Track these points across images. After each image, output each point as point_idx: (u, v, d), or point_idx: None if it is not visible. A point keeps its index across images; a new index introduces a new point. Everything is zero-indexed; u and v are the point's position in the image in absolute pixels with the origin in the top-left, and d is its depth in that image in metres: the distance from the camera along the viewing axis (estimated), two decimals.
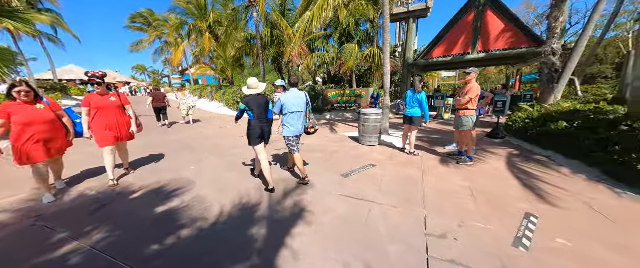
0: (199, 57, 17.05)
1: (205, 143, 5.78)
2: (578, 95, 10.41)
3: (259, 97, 2.96)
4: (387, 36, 5.94)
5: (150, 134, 6.97)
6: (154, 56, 22.33)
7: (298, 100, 3.06)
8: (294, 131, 3.11)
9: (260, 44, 10.58)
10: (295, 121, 3.08)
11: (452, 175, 3.40)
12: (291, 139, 3.16)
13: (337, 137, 6.31)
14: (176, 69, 27.56)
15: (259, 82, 3.06)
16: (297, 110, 3.05)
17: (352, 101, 11.58)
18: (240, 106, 2.97)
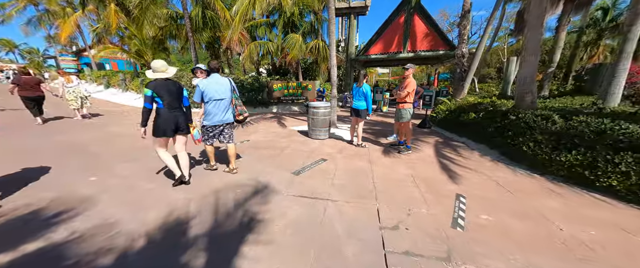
0: (103, 35, 13.39)
1: (113, 145, 4.53)
2: (477, 92, 13.17)
3: (168, 82, 2.57)
4: (333, 28, 5.91)
5: (22, 135, 5.01)
6: (25, 28, 16.08)
7: (220, 87, 2.86)
8: (216, 120, 2.92)
9: (189, 24, 8.97)
10: (218, 109, 2.88)
11: (396, 165, 3.64)
12: (211, 129, 2.98)
13: (285, 132, 6.00)
14: (67, 49, 20.96)
15: (169, 66, 2.64)
16: (219, 97, 2.84)
17: (298, 94, 11.34)
18: (146, 92, 2.42)
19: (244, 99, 9.82)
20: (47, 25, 15.81)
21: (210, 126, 2.96)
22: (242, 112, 3.16)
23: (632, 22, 4.19)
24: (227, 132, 3.10)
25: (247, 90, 9.86)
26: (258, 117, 8.51)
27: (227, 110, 2.98)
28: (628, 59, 4.35)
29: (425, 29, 11.46)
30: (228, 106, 2.98)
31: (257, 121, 7.69)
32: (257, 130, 6.27)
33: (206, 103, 2.85)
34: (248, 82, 9.83)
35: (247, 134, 5.79)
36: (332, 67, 6.04)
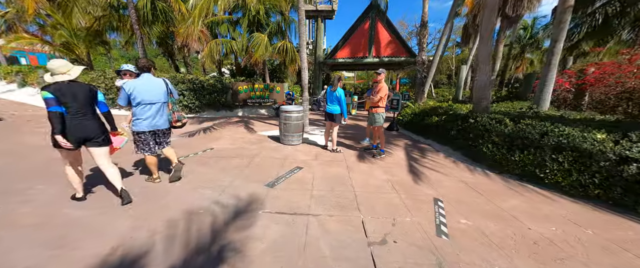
0: (15, 22, 10.80)
1: (24, 160, 3.55)
2: (434, 96, 14.43)
3: (74, 85, 2.13)
4: (303, 29, 5.72)
5: None
6: None
7: (153, 88, 2.58)
8: (147, 125, 2.61)
9: (134, 16, 7.77)
10: (149, 114, 2.59)
11: (374, 170, 3.61)
12: (143, 136, 2.67)
13: (254, 138, 5.56)
14: None
15: (72, 65, 2.18)
16: (151, 100, 2.57)
17: (266, 97, 10.83)
18: (44, 95, 2.00)
19: (205, 101, 8.95)
20: None
21: (140, 132, 2.64)
22: (180, 118, 2.90)
23: (557, 39, 4.99)
24: (164, 139, 2.87)
25: (208, 92, 8.99)
26: (222, 122, 7.80)
27: (161, 115, 2.70)
28: (554, 70, 5.16)
29: (388, 36, 12.12)
30: (162, 110, 2.69)
31: (221, 126, 7.03)
32: (222, 136, 5.69)
33: (135, 106, 2.54)
34: (209, 82, 8.97)
35: (209, 140, 5.18)
36: (304, 69, 5.84)
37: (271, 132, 6.33)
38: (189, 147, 4.61)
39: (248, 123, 7.71)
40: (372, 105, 4.18)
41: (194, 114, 8.93)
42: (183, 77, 8.65)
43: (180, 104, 8.52)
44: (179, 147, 4.56)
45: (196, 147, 4.63)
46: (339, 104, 4.30)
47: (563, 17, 4.90)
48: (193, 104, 8.70)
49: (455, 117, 5.02)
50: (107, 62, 27.61)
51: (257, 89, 10.48)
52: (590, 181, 2.62)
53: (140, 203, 2.44)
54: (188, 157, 4.01)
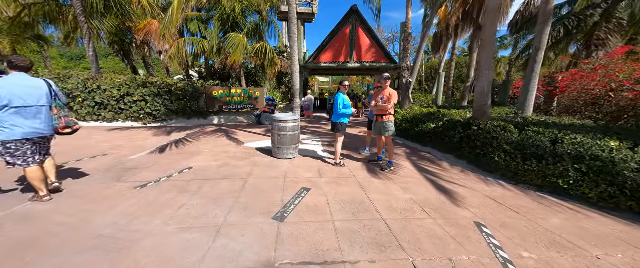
0: None
1: None
2: (412, 101, 14.84)
3: None
4: (294, 29, 5.17)
5: None
6: None
7: (29, 90, 2.31)
8: (21, 133, 2.29)
9: (79, 5, 6.36)
10: (24, 119, 2.29)
11: (390, 188, 3.19)
12: (15, 146, 2.30)
13: (241, 152, 4.78)
14: None
15: None
16: (27, 103, 2.29)
17: (244, 102, 9.93)
18: None
19: (173, 107, 7.75)
20: None
21: (10, 142, 2.27)
22: (69, 123, 2.61)
23: (539, 47, 5.25)
24: (44, 148, 2.60)
25: (178, 98, 7.82)
26: (196, 132, 6.76)
27: (40, 120, 2.41)
28: (537, 77, 5.43)
29: (368, 41, 12.15)
30: (41, 115, 2.40)
31: (197, 137, 6.03)
32: (200, 150, 4.78)
33: (2, 111, 2.19)
34: (178, 87, 7.80)
35: (185, 157, 4.28)
36: (295, 73, 5.27)
37: (259, 143, 5.59)
38: (159, 167, 3.69)
39: (228, 133, 6.80)
40: (381, 113, 3.81)
41: (159, 123, 7.66)
42: (144, 80, 7.37)
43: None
44: (146, 167, 3.61)
45: (169, 167, 3.72)
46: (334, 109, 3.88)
47: (544, 27, 5.18)
48: (158, 111, 7.45)
49: (454, 124, 4.92)
50: (42, 62, 23.23)
51: (234, 94, 9.54)
52: (619, 192, 2.55)
53: None
54: (159, 181, 3.14)
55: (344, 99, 3.91)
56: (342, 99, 3.88)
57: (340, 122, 3.93)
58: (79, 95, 6.53)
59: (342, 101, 3.87)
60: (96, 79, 6.74)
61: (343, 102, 3.85)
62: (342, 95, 3.92)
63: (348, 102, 3.91)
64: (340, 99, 3.86)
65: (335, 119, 3.96)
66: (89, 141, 5.18)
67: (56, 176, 2.69)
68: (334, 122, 3.99)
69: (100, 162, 3.88)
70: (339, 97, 3.87)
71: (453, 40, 12.77)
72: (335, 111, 3.91)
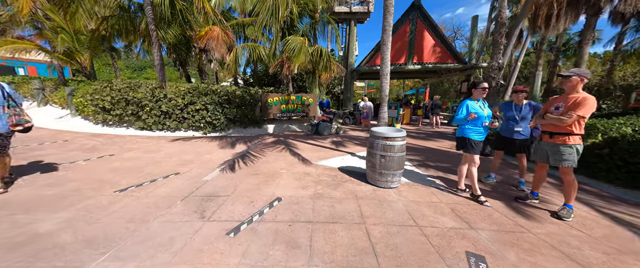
0: (9, 27, 9.42)
1: None
2: None
3: None
4: (390, 19, 4.16)
5: None
6: None
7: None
8: None
9: (151, 13, 6.34)
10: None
11: (601, 256, 1.92)
12: None
13: (326, 174, 3.89)
14: None
15: None
16: None
17: (298, 110, 9.29)
18: None
19: (231, 116, 7.36)
20: None
21: None
22: (21, 121, 2.88)
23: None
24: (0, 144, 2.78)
25: (236, 106, 7.43)
26: (257, 144, 6.17)
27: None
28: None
29: (432, 41, 10.71)
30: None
31: (260, 150, 5.39)
32: (276, 170, 4.02)
33: None
34: (236, 94, 7.42)
35: (263, 179, 3.52)
36: (384, 75, 4.26)
37: (335, 160, 4.69)
38: (241, 195, 2.95)
39: (291, 145, 6.08)
40: (556, 132, 2.54)
41: (218, 132, 7.32)
42: (206, 88, 7.11)
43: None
44: (226, 193, 2.88)
45: (252, 195, 2.98)
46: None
47: None
48: (218, 120, 7.11)
49: None
50: (111, 73, 26.33)
51: (289, 101, 8.95)
52: None
53: None
54: (252, 221, 2.34)
55: (473, 107, 2.81)
56: (472, 107, 2.80)
57: (468, 138, 2.87)
58: (147, 104, 6.45)
59: (472, 109, 2.80)
60: (162, 88, 6.63)
61: (473, 110, 2.78)
62: (472, 103, 2.84)
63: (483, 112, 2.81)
64: (468, 107, 2.82)
65: (460, 133, 2.98)
66: (158, 154, 4.83)
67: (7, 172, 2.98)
68: (459, 136, 2.98)
69: (175, 185, 3.32)
70: (467, 105, 2.84)
71: (543, 33, 10.52)
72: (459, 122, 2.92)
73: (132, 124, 6.72)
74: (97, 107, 6.57)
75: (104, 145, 5.27)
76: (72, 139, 5.57)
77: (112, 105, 6.46)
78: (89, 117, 7.09)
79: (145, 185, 3.27)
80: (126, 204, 2.70)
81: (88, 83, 7.91)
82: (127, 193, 3.00)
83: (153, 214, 2.52)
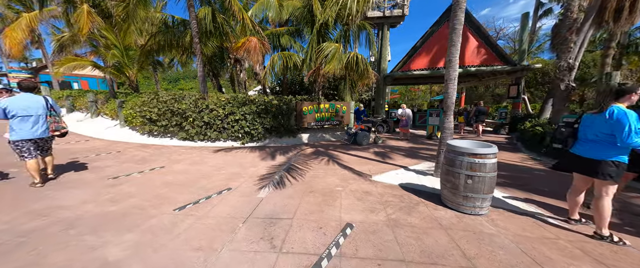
0: (69, 45, 10.42)
1: None
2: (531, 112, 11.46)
3: None
4: (461, 15, 3.71)
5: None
6: None
7: (30, 104, 3.15)
8: (25, 134, 3.14)
9: (196, 27, 6.51)
10: (25, 125, 3.13)
11: None
12: (20, 144, 3.15)
13: (390, 193, 3.45)
14: (23, 63, 17.32)
15: None
16: (28, 113, 3.14)
17: (332, 118, 8.99)
18: None
19: (268, 125, 7.24)
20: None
21: (18, 141, 3.12)
22: (59, 128, 3.46)
23: None
24: (44, 146, 3.41)
25: (273, 115, 7.31)
26: (297, 154, 5.92)
27: (38, 125, 3.23)
28: None
29: (475, 42, 9.91)
30: (38, 122, 3.23)
31: (303, 162, 5.10)
32: (330, 187, 3.67)
33: (11, 119, 3.07)
34: (273, 103, 7.32)
35: (322, 198, 3.17)
36: (450, 80, 3.77)
37: (388, 175, 4.26)
38: (304, 218, 2.62)
39: (333, 156, 5.74)
40: None
41: (255, 142, 7.23)
42: (244, 98, 7.10)
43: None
44: (287, 215, 2.55)
45: (317, 218, 2.63)
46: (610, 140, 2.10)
47: None
48: (256, 130, 7.03)
49: None
50: (149, 85, 28.43)
51: (322, 110, 8.69)
52: None
53: None
54: (332, 256, 1.98)
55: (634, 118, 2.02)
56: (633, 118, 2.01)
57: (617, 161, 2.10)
58: (190, 115, 6.55)
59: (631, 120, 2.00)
60: (204, 99, 6.72)
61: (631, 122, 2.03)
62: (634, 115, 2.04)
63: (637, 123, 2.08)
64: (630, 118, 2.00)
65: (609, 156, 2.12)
66: (204, 166, 4.75)
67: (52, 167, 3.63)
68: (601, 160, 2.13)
69: (231, 202, 3.11)
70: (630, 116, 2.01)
71: (612, 28, 9.23)
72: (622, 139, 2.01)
73: (175, 134, 6.86)
74: (144, 118, 6.82)
75: (152, 156, 5.34)
76: (123, 150, 5.75)
77: (158, 116, 6.66)
78: (136, 127, 7.40)
79: (202, 203, 3.10)
80: (189, 226, 2.50)
81: (135, 95, 8.36)
82: (186, 212, 2.83)
83: (219, 240, 2.28)
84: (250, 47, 7.76)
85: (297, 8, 8.51)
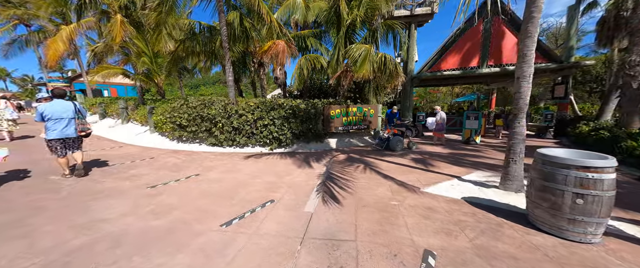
0: (103, 55, 10.85)
1: None
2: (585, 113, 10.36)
3: None
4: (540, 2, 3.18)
5: None
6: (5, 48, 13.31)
7: (61, 109, 3.72)
8: (57, 134, 3.71)
9: (225, 32, 6.42)
10: (57, 126, 3.70)
11: None
12: (53, 143, 3.74)
13: (458, 211, 2.97)
14: (59, 73, 18.49)
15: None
16: (60, 117, 3.71)
17: (360, 122, 8.57)
18: None
19: (297, 130, 6.96)
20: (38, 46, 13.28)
21: (51, 140, 3.71)
22: (84, 129, 4.02)
23: None
24: (72, 144, 3.94)
25: (301, 120, 7.02)
26: (331, 161, 5.53)
27: (68, 127, 3.80)
28: None
29: (514, 38, 9.14)
30: (69, 124, 3.81)
31: (340, 170, 4.71)
32: (386, 203, 3.24)
33: (46, 121, 3.65)
34: (301, 107, 7.03)
35: (381, 215, 2.74)
36: (523, 78, 3.25)
37: (442, 186, 3.78)
38: (373, 244, 2.21)
39: (370, 164, 5.30)
40: None
41: (283, 148, 6.96)
42: (272, 103, 6.88)
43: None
44: (350, 236, 2.13)
45: (382, 241, 2.22)
46: None
47: None
48: (284, 136, 6.76)
49: None
50: (174, 92, 29.45)
51: (350, 113, 8.30)
52: None
53: None
54: None
55: None
56: None
57: None
58: (219, 121, 6.41)
59: None
60: (233, 104, 6.57)
61: None
62: None
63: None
64: None
65: None
66: (239, 174, 4.50)
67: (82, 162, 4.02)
68: None
69: (278, 218, 2.78)
70: None
71: None
72: None
73: (204, 140, 6.75)
74: (174, 124, 6.78)
75: (185, 162, 5.19)
76: (157, 156, 5.67)
77: (188, 122, 6.58)
78: (165, 133, 7.39)
79: (248, 218, 2.79)
80: (242, 247, 2.19)
81: (164, 101, 8.45)
82: (234, 229, 2.53)
83: (281, 267, 1.93)
84: (278, 50, 7.57)
85: (323, 10, 8.26)
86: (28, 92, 27.56)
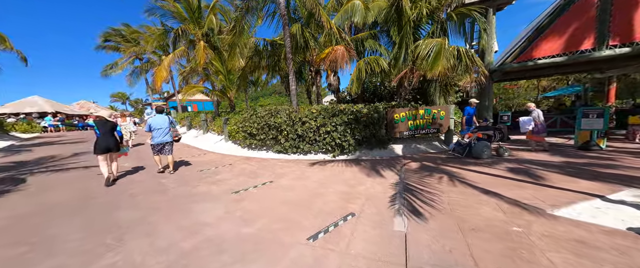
0: (188, 76, 13.02)
1: None
2: None
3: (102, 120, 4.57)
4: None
5: None
6: (129, 79, 17.96)
7: (161, 121, 5.06)
8: (157, 141, 5.05)
9: (289, 44, 6.72)
10: (158, 134, 5.04)
11: None
12: (155, 146, 5.10)
13: (622, 246, 2.08)
14: (158, 94, 23.31)
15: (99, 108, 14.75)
16: (160, 127, 5.04)
17: (428, 126, 7.65)
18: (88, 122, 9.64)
19: (359, 136, 6.63)
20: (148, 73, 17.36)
21: (154, 144, 5.07)
22: (176, 135, 5.53)
23: None
24: (167, 148, 5.20)
25: (364, 125, 6.67)
26: (403, 170, 4.95)
27: (166, 134, 5.11)
28: None
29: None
30: (166, 132, 5.12)
31: (422, 182, 4.07)
32: (503, 228, 2.55)
33: (152, 131, 5.02)
34: (364, 112, 6.69)
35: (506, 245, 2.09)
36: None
37: (579, 208, 2.79)
38: None
39: (453, 174, 4.51)
40: None
41: (345, 155, 6.72)
42: (334, 109, 6.77)
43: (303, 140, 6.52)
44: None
45: None
46: None
47: None
48: (347, 142, 6.53)
49: None
50: (239, 104, 33.57)
51: (418, 116, 7.50)
52: None
53: None
54: None
55: None
56: None
57: None
58: (284, 129, 6.67)
59: None
60: (297, 112, 6.75)
61: None
62: None
63: None
64: None
65: None
66: (308, 181, 4.46)
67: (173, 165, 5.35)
68: None
69: (368, 237, 2.48)
70: None
71: None
72: None
73: (271, 147, 7.12)
74: (245, 133, 7.41)
75: (258, 169, 5.51)
76: (234, 163, 6.25)
77: (257, 130, 7.08)
78: (237, 141, 8.17)
79: (333, 232, 2.59)
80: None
81: (236, 113, 9.45)
82: (322, 244, 2.36)
83: None
84: (337, 55, 7.51)
85: (383, 8, 7.83)
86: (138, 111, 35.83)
